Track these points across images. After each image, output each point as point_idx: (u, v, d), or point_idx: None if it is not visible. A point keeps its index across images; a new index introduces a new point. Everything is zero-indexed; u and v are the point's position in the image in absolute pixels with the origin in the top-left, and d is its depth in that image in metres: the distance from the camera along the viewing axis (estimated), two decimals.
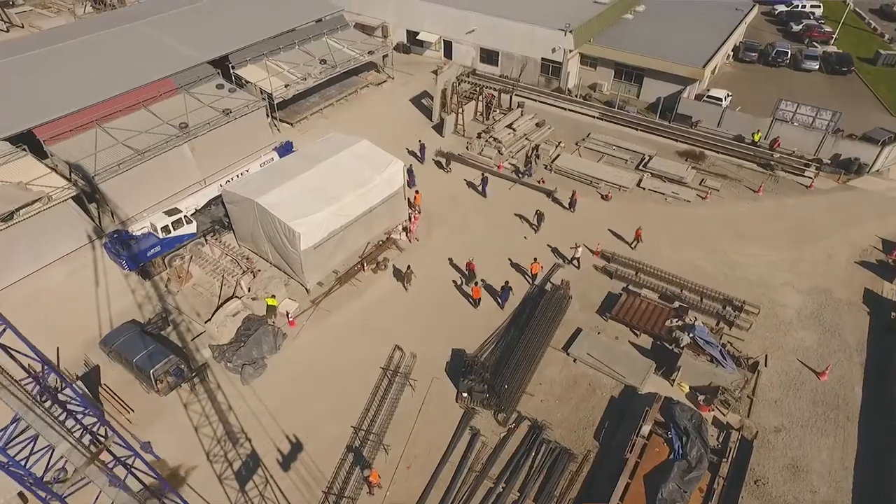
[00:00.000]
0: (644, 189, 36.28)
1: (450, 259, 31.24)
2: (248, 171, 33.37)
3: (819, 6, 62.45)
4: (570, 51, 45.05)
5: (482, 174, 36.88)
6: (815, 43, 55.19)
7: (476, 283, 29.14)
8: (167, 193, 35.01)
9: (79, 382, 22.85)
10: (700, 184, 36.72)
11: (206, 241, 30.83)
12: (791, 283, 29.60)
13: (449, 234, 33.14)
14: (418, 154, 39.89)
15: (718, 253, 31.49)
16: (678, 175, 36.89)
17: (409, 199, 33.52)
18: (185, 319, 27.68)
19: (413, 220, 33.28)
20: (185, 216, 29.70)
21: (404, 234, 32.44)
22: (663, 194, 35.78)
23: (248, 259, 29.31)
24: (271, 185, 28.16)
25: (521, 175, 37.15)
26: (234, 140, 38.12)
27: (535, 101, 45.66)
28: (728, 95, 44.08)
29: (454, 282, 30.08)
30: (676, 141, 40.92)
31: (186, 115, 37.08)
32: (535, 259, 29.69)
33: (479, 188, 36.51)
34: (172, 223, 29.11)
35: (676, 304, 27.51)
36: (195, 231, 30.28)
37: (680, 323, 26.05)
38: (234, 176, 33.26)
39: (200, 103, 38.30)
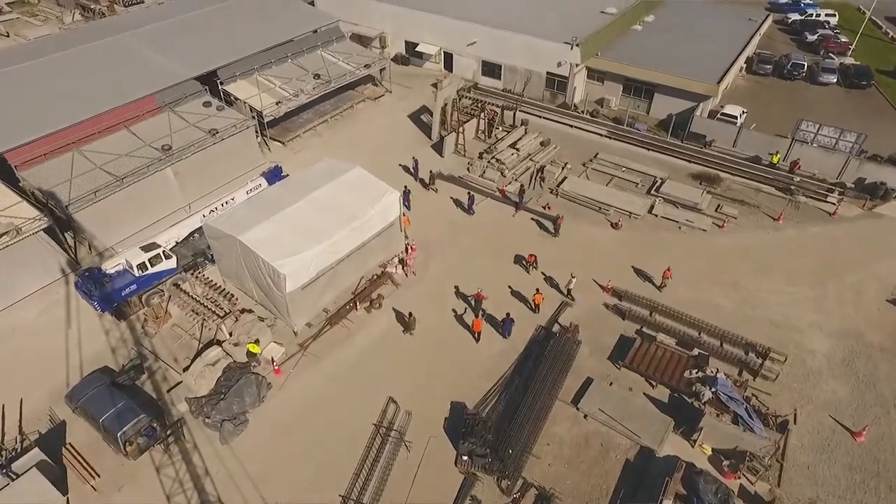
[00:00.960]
0: (656, 216, 34.03)
1: (455, 287, 29.26)
2: (233, 200, 31.19)
3: (834, 15, 60.11)
4: (577, 65, 42.83)
5: (468, 192, 35.06)
6: (831, 55, 52.88)
7: (477, 316, 27.17)
8: (149, 221, 32.92)
9: (35, 450, 20.69)
10: (716, 210, 34.47)
11: (187, 276, 28.64)
12: (818, 324, 27.36)
13: (447, 264, 30.93)
14: (413, 172, 37.96)
15: (738, 289, 29.25)
16: (692, 201, 34.64)
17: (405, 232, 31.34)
18: (161, 367, 25.51)
19: (410, 251, 31.10)
20: (163, 251, 27.50)
21: (400, 267, 30.26)
22: (677, 222, 33.54)
23: (230, 299, 27.12)
24: (255, 220, 25.96)
25: (517, 204, 35.04)
26: (221, 162, 36.01)
27: (540, 117, 43.44)
28: (743, 112, 41.84)
29: (454, 311, 27.99)
30: (690, 162, 38.68)
31: (170, 135, 34.95)
32: (538, 290, 27.96)
33: (466, 205, 34.61)
34: (149, 260, 26.93)
35: (696, 351, 25.27)
36: (175, 266, 28.12)
37: (700, 374, 23.83)
38: (219, 205, 31.05)
39: (185, 123, 36.14)
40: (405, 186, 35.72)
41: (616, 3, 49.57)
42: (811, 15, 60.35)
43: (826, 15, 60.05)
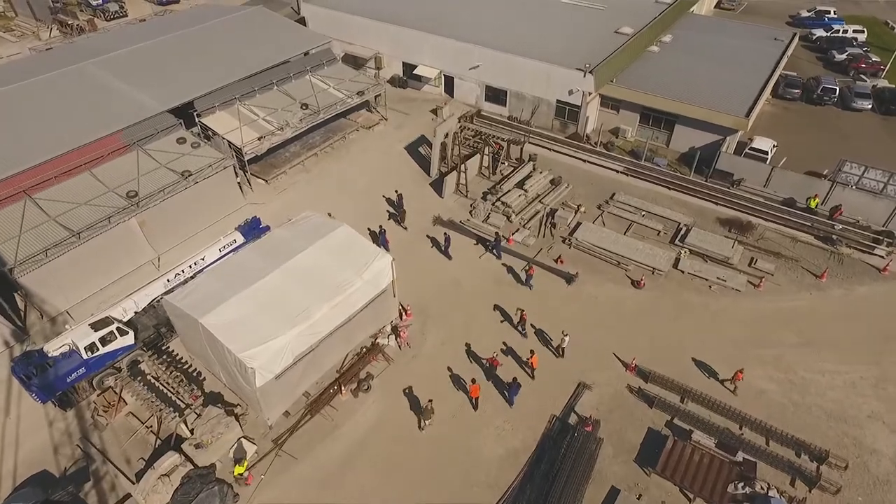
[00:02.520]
0: (683, 272, 30.19)
1: (468, 350, 25.73)
2: (203, 260, 27.41)
3: (863, 31, 56.16)
4: (590, 93, 38.98)
5: (445, 232, 31.80)
6: (862, 76, 48.99)
7: (474, 381, 23.80)
8: (110, 279, 29.26)
9: None
10: (750, 265, 30.62)
11: (147, 353, 24.89)
12: (879, 415, 23.51)
13: (448, 331, 27.14)
14: (395, 207, 34.51)
15: (782, 367, 25.41)
16: (723, 254, 30.79)
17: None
18: (110, 472, 21.75)
19: (405, 316, 27.36)
20: (118, 327, 23.72)
21: (393, 337, 26.47)
22: (706, 280, 29.70)
23: (192, 392, 23.31)
24: (222, 296, 22.16)
25: (489, 249, 31.71)
26: (195, 207, 32.28)
27: (549, 149, 39.60)
28: (774, 147, 37.97)
29: (461, 384, 24.26)
30: (716, 204, 34.82)
31: (137, 179, 31.22)
32: (533, 352, 24.79)
33: (443, 247, 31.34)
34: (101, 339, 23.16)
35: (740, 455, 21.43)
36: (133, 342, 24.35)
37: (747, 490, 20.01)
38: (188, 265, 27.23)
39: (156, 163, 32.39)
40: (380, 226, 32.47)
41: (631, 22, 45.75)
42: (837, 31, 56.39)
43: (854, 31, 56.11)
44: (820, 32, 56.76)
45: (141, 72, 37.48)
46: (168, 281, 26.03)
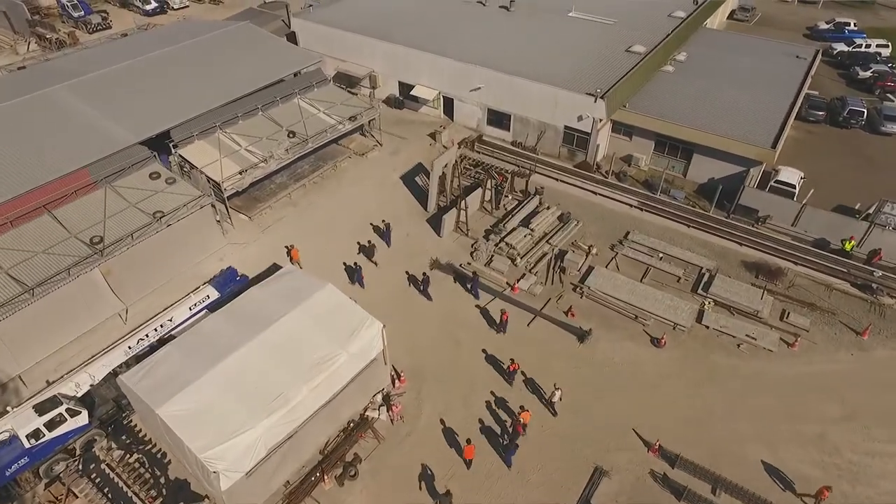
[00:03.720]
0: (707, 328, 27.19)
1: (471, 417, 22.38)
2: (171, 322, 24.39)
3: (887, 45, 53.09)
4: (601, 120, 35.95)
5: (424, 273, 29.29)
6: (889, 95, 45.97)
7: (469, 441, 21.37)
8: (70, 337, 26.25)
9: None
10: (782, 318, 27.62)
11: (104, 433, 21.90)
12: None
13: (447, 398, 24.16)
14: (383, 237, 32.24)
15: (826, 448, 22.40)
16: (751, 306, 27.78)
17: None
18: None
19: (398, 382, 24.38)
20: (68, 408, 20.73)
21: (384, 409, 23.45)
22: (734, 337, 26.69)
23: (149, 494, 20.28)
24: (185, 378, 19.16)
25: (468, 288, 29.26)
26: (168, 252, 29.31)
27: (556, 179, 36.60)
28: (801, 179, 34.95)
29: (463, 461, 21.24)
30: (741, 245, 31.81)
31: (104, 221, 28.25)
32: (523, 407, 22.75)
33: (421, 287, 28.90)
34: (47, 423, 20.18)
35: None
36: (87, 422, 21.36)
37: None
38: (154, 328, 24.22)
39: (125, 203, 29.41)
40: (355, 263, 29.94)
41: (642, 38, 42.73)
42: (859, 45, 53.33)
43: (877, 46, 53.04)
44: (841, 47, 53.68)
45: (115, 97, 34.44)
46: (129, 348, 23.02)
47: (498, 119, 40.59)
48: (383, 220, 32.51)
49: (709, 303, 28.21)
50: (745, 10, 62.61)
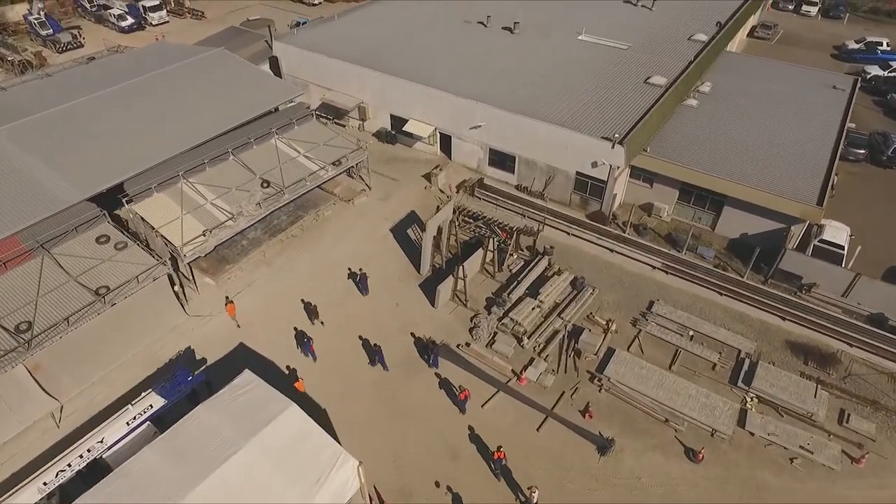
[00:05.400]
0: (752, 434, 22.77)
1: None
2: (102, 443, 19.96)
3: None
4: (618, 168, 31.53)
5: (375, 345, 25.43)
6: None
7: None
8: None
9: None
10: (841, 423, 23.19)
11: None
12: None
13: None
14: (358, 285, 29.04)
15: None
16: (803, 406, 23.35)
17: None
18: None
19: None
20: None
21: None
22: (786, 449, 22.27)
23: None
24: None
25: (428, 360, 25.56)
26: (113, 334, 25.02)
27: (566, 233, 32.22)
28: (850, 236, 30.56)
29: None
30: (783, 319, 27.40)
31: (35, 301, 23.91)
32: None
33: (376, 359, 25.22)
34: None
35: None
36: None
37: None
38: (78, 455, 19.74)
39: (64, 276, 25.05)
40: (304, 333, 25.98)
41: (661, 67, 38.36)
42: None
43: None
44: (875, 70, 49.20)
45: (63, 143, 30.07)
46: (45, 484, 18.59)
47: (501, 160, 36.16)
48: (360, 269, 29.10)
49: (752, 400, 23.79)
50: (766, 27, 58.15)
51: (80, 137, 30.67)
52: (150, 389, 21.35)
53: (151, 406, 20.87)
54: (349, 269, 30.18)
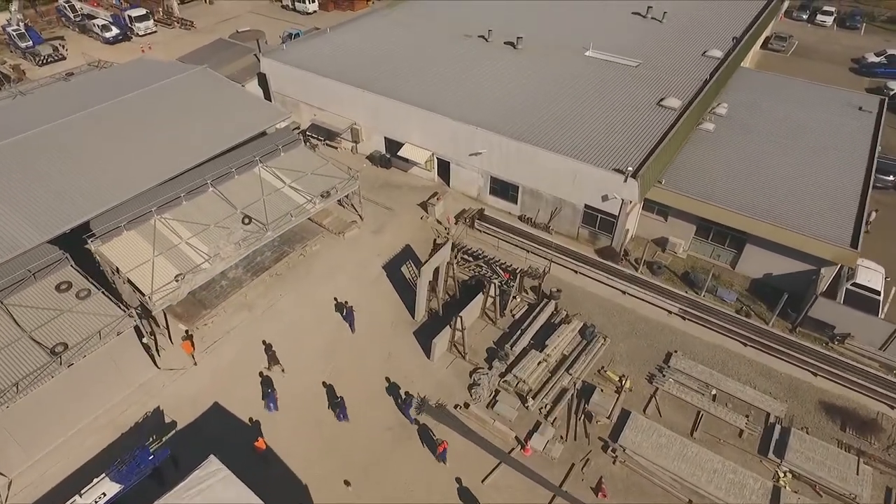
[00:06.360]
0: None
1: None
2: None
3: None
4: (631, 202, 28.94)
5: (339, 397, 23.12)
6: None
7: None
8: None
9: None
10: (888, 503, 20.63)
11: None
12: None
13: None
14: (347, 319, 27.04)
15: None
16: (844, 486, 20.73)
17: None
18: None
19: None
20: None
21: None
22: None
23: None
24: None
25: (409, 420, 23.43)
26: (71, 398, 22.51)
27: (574, 271, 29.68)
28: (886, 278, 27.96)
29: None
30: (815, 374, 24.83)
31: None
32: None
33: (337, 414, 23.05)
34: None
35: None
36: None
37: None
38: None
39: (18, 331, 22.51)
40: (269, 391, 23.66)
41: (674, 86, 35.85)
42: None
43: None
44: None
45: (26, 175, 27.68)
46: None
47: (503, 189, 33.59)
48: (346, 301, 27.44)
49: (785, 475, 21.21)
50: (780, 38, 55.52)
51: (46, 169, 28.21)
52: (104, 474, 18.76)
53: (104, 494, 18.29)
54: (335, 298, 28.31)
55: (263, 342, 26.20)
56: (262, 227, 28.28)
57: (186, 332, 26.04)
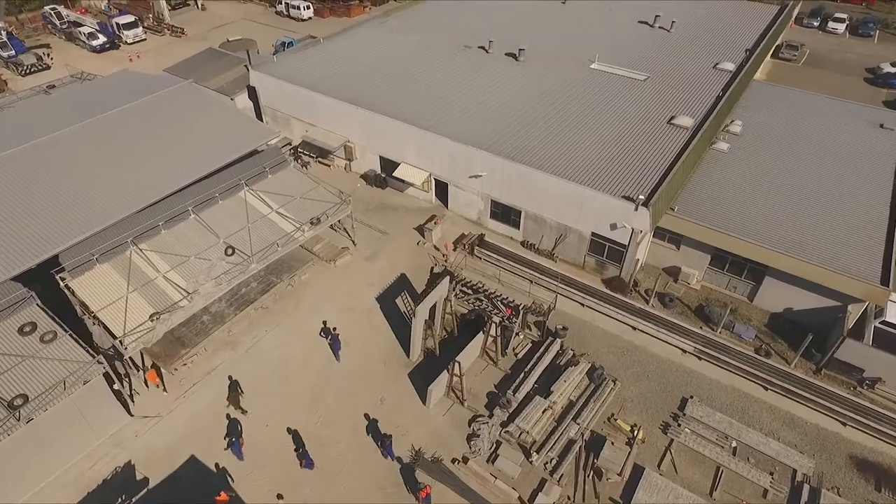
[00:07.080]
0: None
1: None
2: None
3: None
4: (642, 231, 26.98)
5: (297, 448, 21.65)
6: None
7: None
8: None
9: None
10: None
11: None
12: None
13: None
14: (331, 345, 25.57)
15: None
16: None
17: None
18: None
19: None
20: None
21: None
22: None
23: None
24: None
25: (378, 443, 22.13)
26: (32, 453, 20.58)
27: (580, 303, 27.77)
28: None
29: None
30: (844, 424, 22.88)
31: None
32: None
33: (302, 463, 21.35)
34: None
35: None
36: None
37: None
38: None
39: None
40: (238, 426, 22.48)
41: (684, 102, 33.99)
42: None
43: None
44: None
45: None
46: None
47: (504, 213, 31.64)
48: (333, 328, 26.07)
49: None
50: (791, 47, 53.47)
51: (12, 196, 26.23)
52: None
53: None
54: (323, 322, 26.84)
55: (230, 378, 24.42)
56: (247, 259, 26.35)
57: (154, 363, 24.28)
